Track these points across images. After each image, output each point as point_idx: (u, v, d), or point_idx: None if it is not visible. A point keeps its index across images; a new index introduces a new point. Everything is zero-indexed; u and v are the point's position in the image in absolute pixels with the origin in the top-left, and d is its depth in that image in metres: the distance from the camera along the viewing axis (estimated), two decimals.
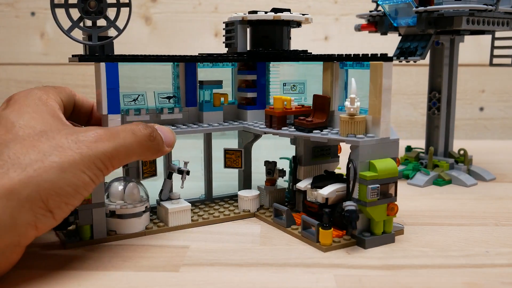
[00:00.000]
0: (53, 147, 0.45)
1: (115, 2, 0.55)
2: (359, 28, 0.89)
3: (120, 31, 0.56)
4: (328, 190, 0.57)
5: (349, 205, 0.53)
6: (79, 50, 0.62)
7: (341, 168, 0.65)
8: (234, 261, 0.51)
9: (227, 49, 0.72)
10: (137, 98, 0.62)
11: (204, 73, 0.69)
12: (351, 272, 0.49)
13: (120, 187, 0.59)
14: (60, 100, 0.56)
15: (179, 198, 0.64)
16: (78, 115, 0.62)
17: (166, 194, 0.64)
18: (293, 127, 0.62)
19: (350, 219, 0.53)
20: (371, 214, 0.54)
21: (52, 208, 0.44)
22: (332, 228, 0.55)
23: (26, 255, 0.53)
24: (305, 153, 0.65)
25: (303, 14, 0.68)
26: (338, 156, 0.68)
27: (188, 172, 0.63)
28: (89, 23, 0.57)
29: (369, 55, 0.56)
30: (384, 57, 0.54)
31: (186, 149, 0.67)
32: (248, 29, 0.69)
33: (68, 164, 0.44)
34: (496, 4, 0.72)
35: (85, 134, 0.47)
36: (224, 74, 0.71)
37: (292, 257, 0.52)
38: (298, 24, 0.70)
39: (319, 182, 0.59)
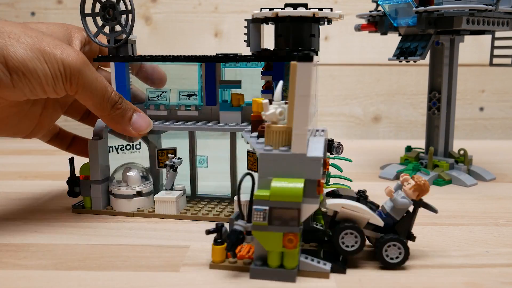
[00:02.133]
0: (61, 47, 0.55)
1: (124, 10, 0.64)
2: (359, 28, 0.89)
3: (127, 34, 0.64)
4: (333, 202, 0.50)
5: (237, 225, 0.47)
6: None
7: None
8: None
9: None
10: (160, 94, 0.69)
11: (230, 73, 0.69)
12: (351, 272, 0.49)
13: (128, 172, 0.66)
14: (83, 38, 0.66)
15: (181, 190, 0.66)
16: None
17: (169, 184, 0.67)
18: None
19: (228, 239, 0.46)
20: (258, 240, 0.46)
21: (10, 69, 0.52)
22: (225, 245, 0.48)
23: (26, 256, 0.53)
24: None
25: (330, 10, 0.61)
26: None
27: (172, 168, 0.66)
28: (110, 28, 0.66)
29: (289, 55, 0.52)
30: (302, 57, 0.46)
31: (213, 148, 0.70)
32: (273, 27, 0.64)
33: (39, 52, 0.54)
34: (496, 4, 0.72)
35: (73, 50, 0.56)
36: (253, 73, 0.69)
37: None
38: (328, 21, 0.64)
39: (338, 193, 0.53)
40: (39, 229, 0.61)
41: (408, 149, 0.94)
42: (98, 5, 0.64)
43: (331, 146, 0.61)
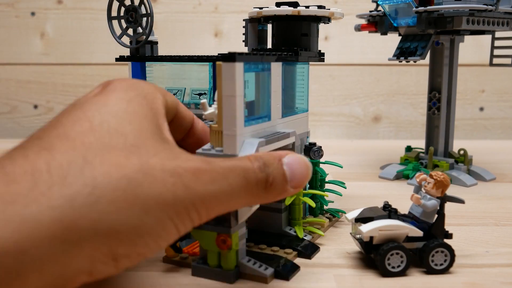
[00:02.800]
0: (143, 173, 0.32)
1: (144, 13, 0.66)
2: (359, 28, 0.89)
3: (146, 36, 0.67)
4: (368, 227, 0.48)
5: None
6: (79, 49, 0.63)
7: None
8: None
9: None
10: (175, 93, 0.68)
11: None
12: (351, 272, 0.49)
13: None
14: (166, 104, 0.42)
15: None
16: (176, 129, 0.47)
17: None
18: None
19: None
20: (195, 237, 0.46)
21: (118, 256, 0.32)
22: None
23: None
24: None
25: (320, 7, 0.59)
26: None
27: None
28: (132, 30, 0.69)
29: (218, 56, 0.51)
30: (227, 57, 0.43)
31: None
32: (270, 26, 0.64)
33: (155, 204, 0.32)
34: (496, 4, 0.72)
35: (185, 166, 0.34)
36: None
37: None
38: (328, 19, 0.62)
39: (366, 215, 0.51)
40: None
41: (408, 149, 0.94)
42: (123, 9, 0.67)
43: (309, 150, 0.59)
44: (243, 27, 0.64)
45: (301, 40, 0.60)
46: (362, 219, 0.50)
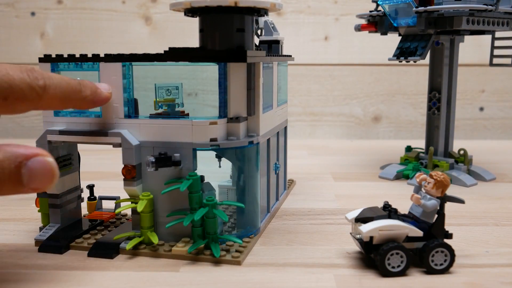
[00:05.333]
0: None
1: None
2: (359, 28, 0.89)
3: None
4: (368, 228, 0.48)
5: None
6: (79, 50, 0.62)
7: None
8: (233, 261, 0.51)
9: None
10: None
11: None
12: (351, 272, 0.49)
13: None
14: None
15: None
16: None
17: None
18: None
19: None
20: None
21: None
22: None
23: (26, 256, 0.53)
24: None
25: None
26: None
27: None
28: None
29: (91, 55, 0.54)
30: (106, 57, 0.51)
31: None
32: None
33: None
34: (496, 4, 0.72)
35: None
36: None
37: (292, 257, 0.52)
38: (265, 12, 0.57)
39: (366, 215, 0.51)
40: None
41: (408, 149, 0.94)
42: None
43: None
44: None
45: (237, 37, 0.54)
46: (362, 219, 0.50)
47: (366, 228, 0.48)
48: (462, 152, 0.88)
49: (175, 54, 0.53)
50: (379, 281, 0.47)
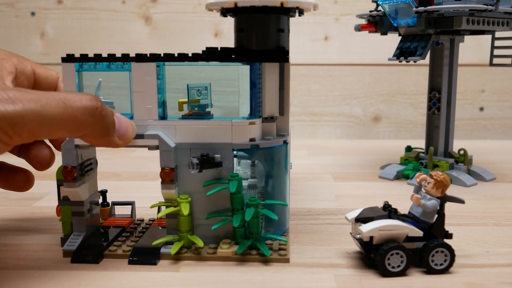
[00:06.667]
0: None
1: None
2: (359, 28, 0.89)
3: None
4: (368, 227, 0.48)
5: None
6: (79, 50, 0.62)
7: None
8: (234, 261, 0.51)
9: None
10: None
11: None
12: (351, 272, 0.49)
13: None
14: (18, 66, 0.52)
15: None
16: (40, 88, 0.56)
17: None
18: None
19: None
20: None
21: None
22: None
23: (26, 256, 0.53)
24: None
25: None
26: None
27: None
28: None
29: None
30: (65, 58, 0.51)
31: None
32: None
33: None
34: (496, 4, 0.72)
35: None
36: None
37: (292, 257, 0.52)
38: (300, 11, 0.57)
39: (366, 215, 0.51)
40: (40, 229, 0.61)
41: (408, 149, 0.94)
42: None
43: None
44: None
45: (276, 37, 0.54)
46: (362, 219, 0.50)
47: (366, 228, 0.48)
48: (462, 152, 0.88)
49: (216, 54, 0.52)
50: (379, 281, 0.47)
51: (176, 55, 0.51)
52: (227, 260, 0.51)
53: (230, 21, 0.86)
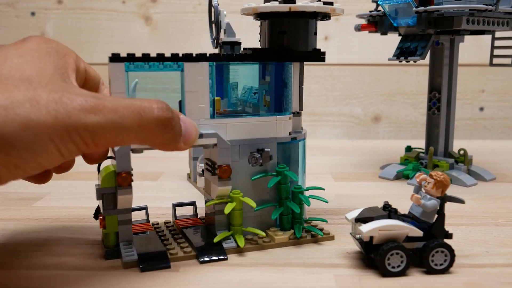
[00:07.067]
0: (28, 98, 0.36)
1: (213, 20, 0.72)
2: (359, 28, 0.89)
3: (216, 38, 0.73)
4: (368, 227, 0.48)
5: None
6: (79, 50, 0.62)
7: None
8: (234, 261, 0.51)
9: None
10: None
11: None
12: (351, 272, 0.49)
13: None
14: (78, 63, 0.49)
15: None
16: (86, 87, 0.53)
17: None
18: None
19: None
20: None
21: None
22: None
23: (26, 257, 0.53)
24: None
25: (327, 3, 0.58)
26: None
27: None
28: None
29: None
30: (112, 58, 0.49)
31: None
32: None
33: (35, 123, 0.36)
34: (496, 4, 0.72)
35: (72, 97, 0.38)
36: None
37: (292, 257, 0.52)
38: (324, 16, 0.61)
39: (366, 215, 0.51)
40: (40, 229, 0.61)
41: (408, 149, 0.94)
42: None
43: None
44: (259, 26, 0.63)
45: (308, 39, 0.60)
46: (362, 219, 0.50)
47: (366, 228, 0.48)
48: (462, 152, 0.88)
49: (266, 55, 0.57)
50: (379, 281, 0.47)
51: (222, 55, 0.55)
52: (284, 245, 0.55)
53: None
